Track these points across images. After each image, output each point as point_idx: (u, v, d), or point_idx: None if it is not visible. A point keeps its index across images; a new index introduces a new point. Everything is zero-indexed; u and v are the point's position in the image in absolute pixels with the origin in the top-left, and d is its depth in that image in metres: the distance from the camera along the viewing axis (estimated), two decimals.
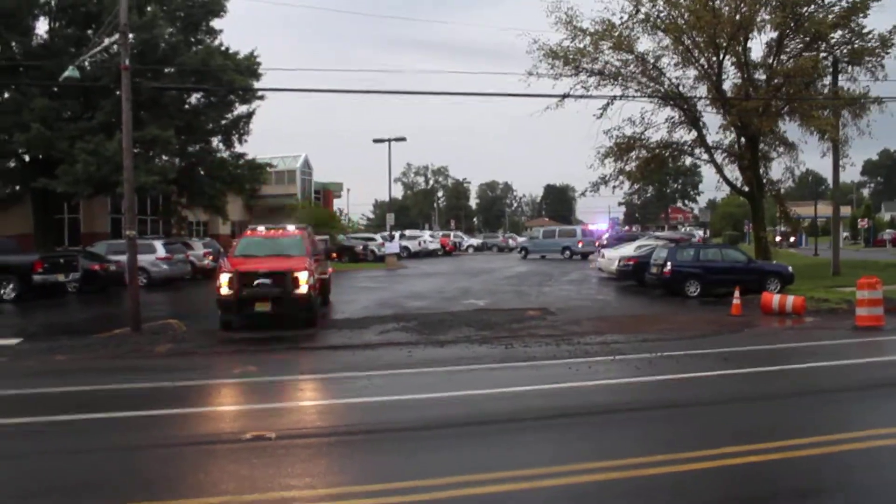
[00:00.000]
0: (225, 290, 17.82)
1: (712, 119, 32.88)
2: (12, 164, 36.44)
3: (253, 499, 6.39)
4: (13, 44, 34.13)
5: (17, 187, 36.26)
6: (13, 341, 17.24)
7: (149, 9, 33.65)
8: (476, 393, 10.98)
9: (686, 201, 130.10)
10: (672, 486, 6.64)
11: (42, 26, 35.43)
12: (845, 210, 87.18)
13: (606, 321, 19.48)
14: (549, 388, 11.13)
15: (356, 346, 15.78)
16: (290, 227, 21.72)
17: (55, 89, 32.68)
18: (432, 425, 8.90)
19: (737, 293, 20.98)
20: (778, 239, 71.45)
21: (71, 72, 20.94)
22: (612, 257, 31.50)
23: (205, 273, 32.15)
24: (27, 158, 35.48)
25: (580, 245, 51.97)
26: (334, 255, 26.92)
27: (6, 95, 33.94)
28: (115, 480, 7.12)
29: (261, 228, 21.43)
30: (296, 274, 17.86)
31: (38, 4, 34.49)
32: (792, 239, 77.90)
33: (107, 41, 19.75)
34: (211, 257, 33.88)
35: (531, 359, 13.63)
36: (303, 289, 17.88)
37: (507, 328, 18.05)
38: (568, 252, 51.76)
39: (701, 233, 69.92)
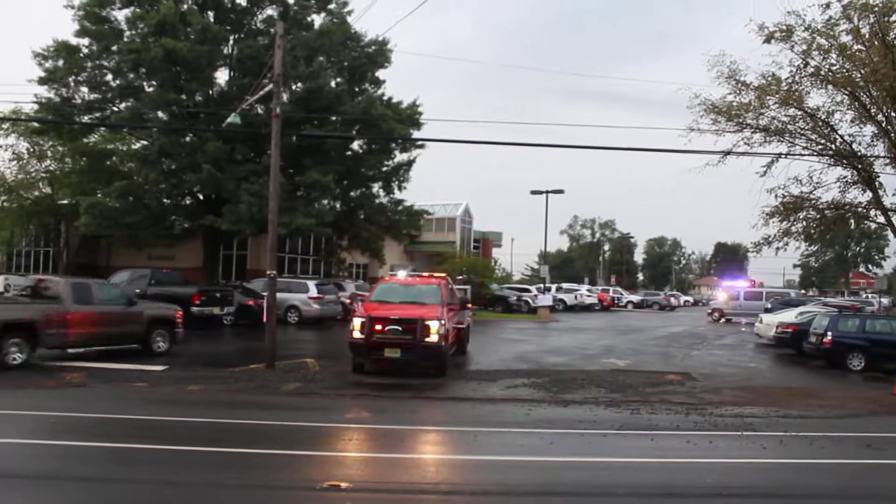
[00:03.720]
0: (357, 334, 18.04)
1: (891, 179, 30.58)
2: (188, 202, 38.92)
3: None
4: (196, 93, 36.67)
5: (190, 223, 38.56)
6: (159, 368, 18.23)
7: (320, 59, 35.35)
8: (565, 460, 10.41)
9: (869, 266, 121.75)
10: None
11: (222, 76, 37.96)
12: None
13: (750, 392, 18.18)
14: (652, 463, 10.41)
15: (477, 400, 15.49)
16: (428, 276, 21.84)
17: (229, 134, 34.78)
18: (499, 491, 8.47)
19: None
20: None
21: (233, 118, 22.07)
22: (771, 323, 29.66)
23: None
24: (201, 197, 37.76)
25: None
26: (469, 304, 26.79)
27: (186, 139, 36.38)
28: None
29: (399, 275, 21.66)
30: (427, 322, 17.83)
31: (220, 56, 36.97)
32: None
33: (264, 90, 20.67)
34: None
35: (652, 428, 12.84)
36: (433, 337, 17.81)
37: (640, 392, 17.21)
38: None
39: (883, 301, 64.94)
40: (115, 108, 37.16)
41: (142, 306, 21.31)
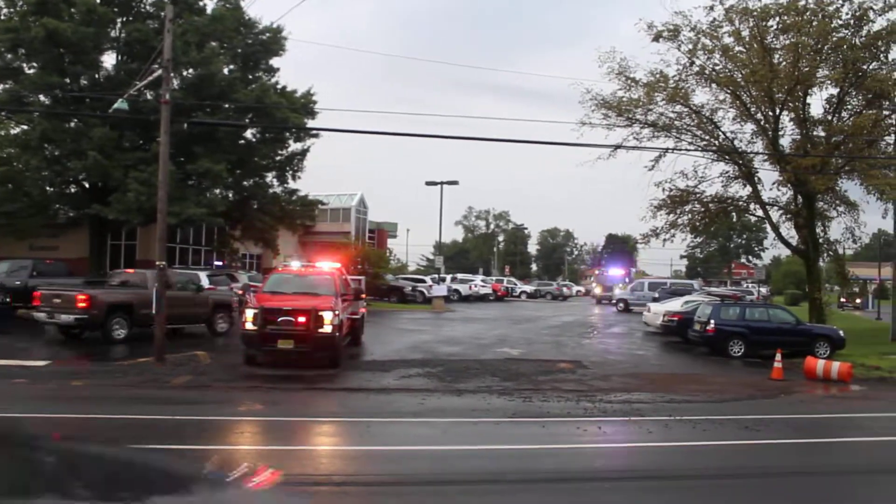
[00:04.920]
0: (249, 326, 17.79)
1: (768, 175, 32.25)
2: (73, 190, 37.44)
3: None
4: (81, 77, 35.25)
5: (75, 213, 37.11)
6: (41, 363, 17.52)
7: (212, 44, 34.50)
8: (458, 448, 10.60)
9: (750, 257, 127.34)
10: None
11: (109, 60, 36.56)
12: None
13: (638, 378, 18.83)
14: (542, 449, 10.69)
15: (371, 390, 15.53)
16: (322, 266, 21.73)
17: (116, 119, 33.59)
18: (392, 481, 8.59)
19: (778, 356, 20.11)
20: (842, 300, 69.35)
21: (120, 104, 21.38)
22: (658, 312, 30.72)
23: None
24: (87, 185, 36.40)
25: None
26: (364, 295, 26.78)
27: (71, 125, 34.94)
28: None
29: (292, 265, 21.47)
30: (320, 313, 17.71)
31: (107, 39, 35.58)
32: (858, 301, 75.55)
33: (153, 75, 20.09)
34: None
35: (544, 415, 13.15)
36: (326, 328, 17.70)
37: (532, 380, 17.58)
38: None
39: (761, 290, 68.09)
40: None
41: (208, 293, 25.58)
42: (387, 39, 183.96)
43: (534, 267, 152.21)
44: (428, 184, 49.28)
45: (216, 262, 40.70)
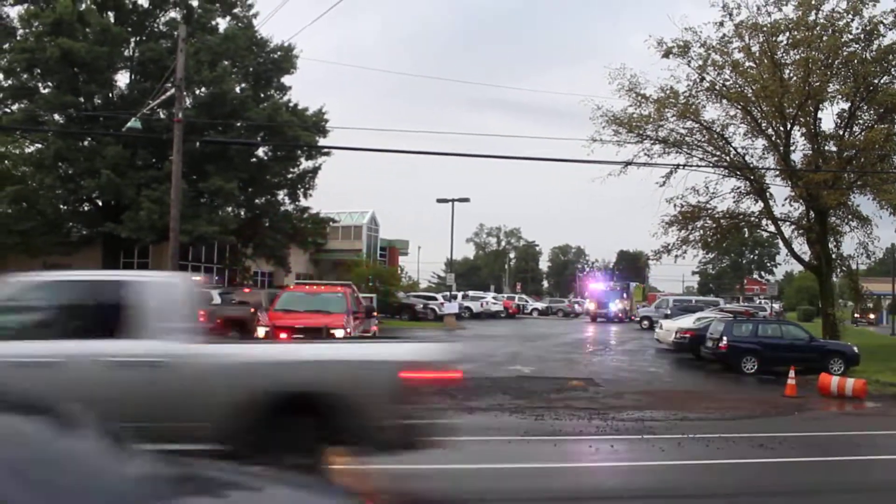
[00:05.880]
0: None
1: (780, 190, 32.16)
2: (86, 208, 37.75)
3: None
4: (95, 96, 35.63)
5: (88, 231, 37.41)
6: None
7: (224, 63, 34.81)
8: (469, 467, 10.47)
9: (762, 273, 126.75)
10: None
11: (123, 79, 36.99)
12: None
13: (651, 395, 18.73)
14: (554, 468, 10.62)
15: None
16: (334, 284, 21.85)
17: (129, 138, 33.94)
18: (399, 501, 8.55)
19: (791, 373, 19.95)
20: (856, 316, 68.88)
21: (134, 122, 21.62)
22: (670, 328, 30.59)
23: None
24: (100, 203, 36.70)
25: None
26: (375, 312, 26.90)
27: (84, 143, 35.30)
28: None
29: (304, 284, 21.59)
30: (332, 330, 17.76)
31: (121, 58, 36.00)
32: (872, 316, 75.07)
33: (166, 94, 20.28)
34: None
35: (555, 433, 13.08)
36: None
37: (545, 398, 17.49)
38: None
39: (775, 306, 67.75)
40: (8, 110, 35.75)
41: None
42: (396, 57, 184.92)
43: (545, 284, 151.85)
44: (439, 201, 49.34)
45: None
